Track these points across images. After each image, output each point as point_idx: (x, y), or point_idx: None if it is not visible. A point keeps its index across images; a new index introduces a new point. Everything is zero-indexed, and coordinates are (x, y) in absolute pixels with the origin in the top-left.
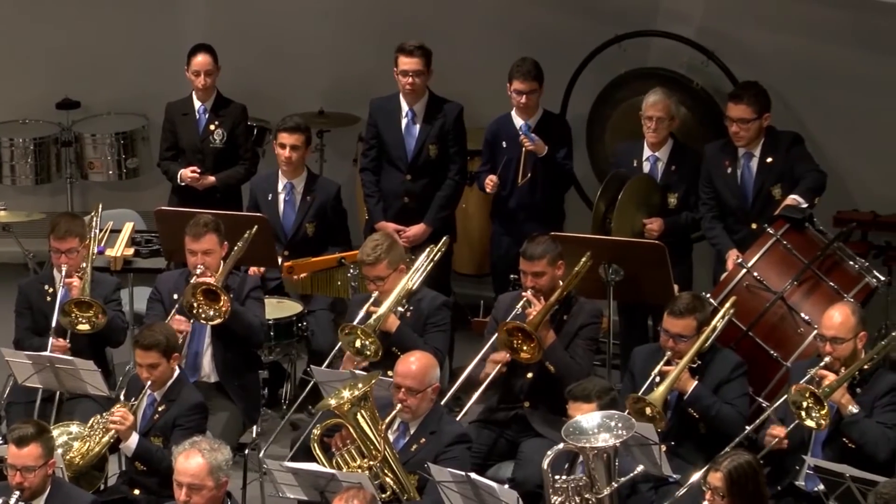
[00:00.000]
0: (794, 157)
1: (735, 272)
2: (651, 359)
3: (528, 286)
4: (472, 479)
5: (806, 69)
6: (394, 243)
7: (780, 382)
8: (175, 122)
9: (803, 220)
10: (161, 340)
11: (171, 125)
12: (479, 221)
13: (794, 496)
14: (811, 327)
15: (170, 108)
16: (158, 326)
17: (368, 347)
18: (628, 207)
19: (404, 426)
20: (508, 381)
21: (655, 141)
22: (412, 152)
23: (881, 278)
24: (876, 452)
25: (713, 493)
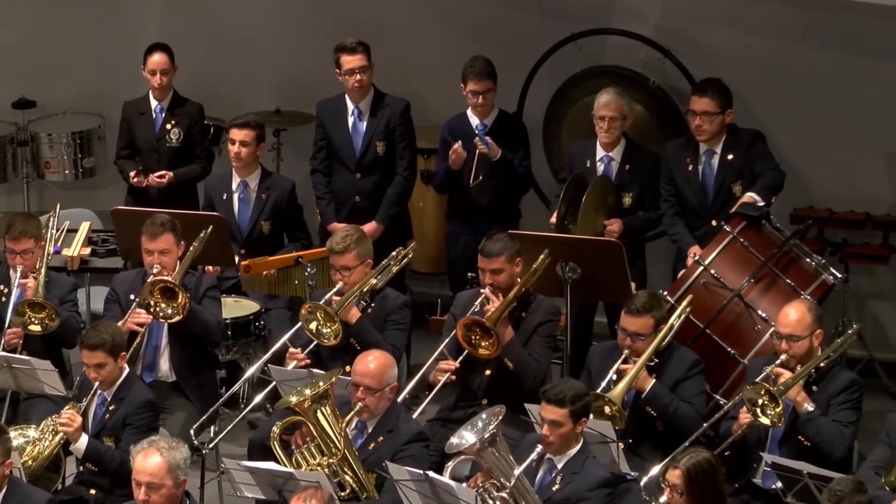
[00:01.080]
0: (755, 155)
1: (692, 270)
2: (608, 357)
3: (486, 283)
4: (430, 478)
5: (763, 67)
6: (364, 236)
7: (737, 380)
8: (132, 122)
9: (760, 218)
10: (106, 340)
11: (127, 124)
12: (435, 220)
13: (752, 493)
14: (768, 325)
15: (127, 107)
16: (104, 326)
17: (329, 332)
18: (590, 210)
19: (362, 425)
20: (466, 378)
21: (608, 141)
22: (360, 150)
23: (838, 275)
24: (832, 450)
25: (672, 491)
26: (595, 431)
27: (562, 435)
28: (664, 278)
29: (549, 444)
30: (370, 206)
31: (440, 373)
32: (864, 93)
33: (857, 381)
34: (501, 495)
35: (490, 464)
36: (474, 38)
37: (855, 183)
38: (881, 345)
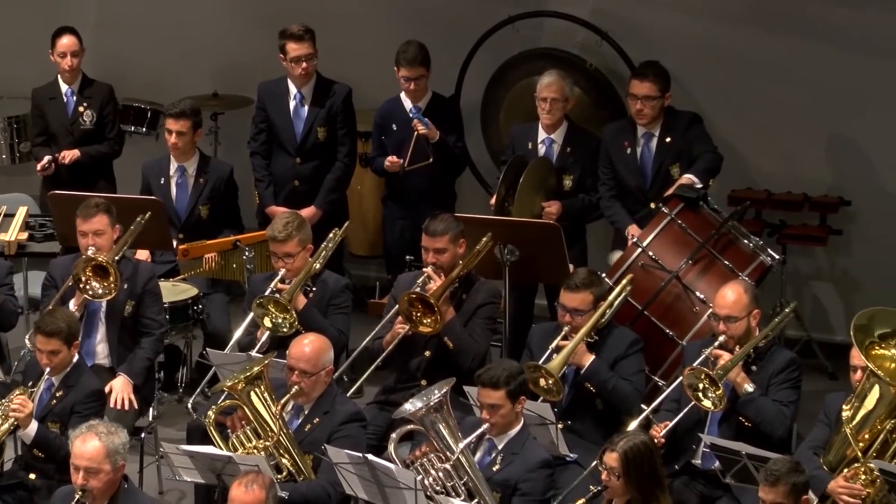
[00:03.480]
0: (693, 137)
1: (630, 252)
2: (549, 336)
3: (429, 262)
4: (369, 461)
5: (700, 49)
6: (304, 222)
7: (676, 361)
8: (43, 108)
9: (698, 200)
10: (63, 328)
11: (39, 111)
12: (372, 203)
13: (691, 475)
14: (706, 306)
15: (36, 93)
16: (60, 313)
17: (284, 322)
18: (527, 191)
19: (298, 407)
20: (406, 359)
21: (550, 123)
22: (301, 135)
23: (775, 256)
24: (772, 430)
25: (609, 474)
26: (534, 413)
27: (502, 416)
28: (605, 261)
29: (490, 427)
30: (309, 190)
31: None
32: (802, 75)
33: (796, 360)
34: (444, 467)
35: (435, 432)
36: (412, 21)
37: (793, 164)
38: (819, 325)
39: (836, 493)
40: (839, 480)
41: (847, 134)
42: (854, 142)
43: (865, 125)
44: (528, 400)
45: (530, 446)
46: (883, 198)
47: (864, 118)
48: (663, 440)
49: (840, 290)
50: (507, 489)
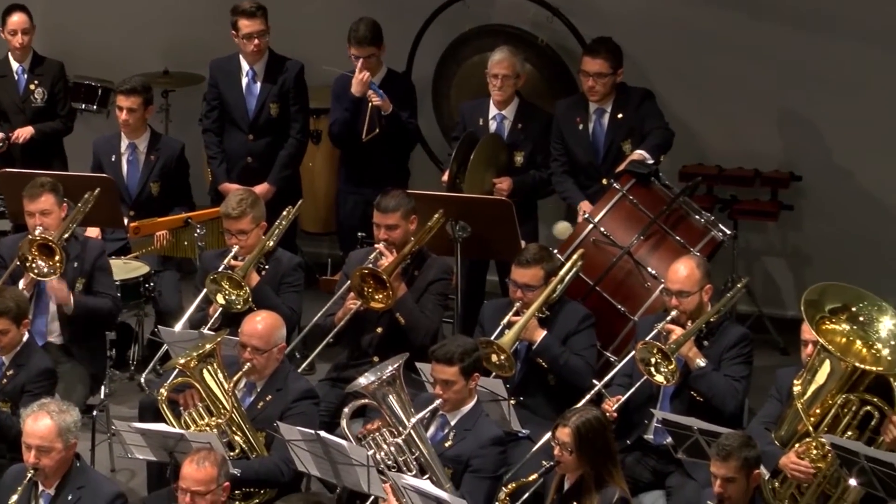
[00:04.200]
0: (645, 113)
1: (582, 227)
2: (500, 312)
3: (381, 239)
4: (321, 437)
5: (652, 25)
6: (258, 199)
7: (628, 337)
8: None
9: (649, 175)
10: (11, 307)
11: None
12: (325, 180)
13: (643, 450)
14: (658, 282)
15: None
16: (9, 292)
17: (238, 298)
18: (478, 167)
19: (251, 384)
20: (358, 336)
21: (501, 99)
22: (253, 112)
23: (727, 232)
24: (724, 405)
25: (561, 449)
26: (486, 389)
27: (455, 392)
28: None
29: (443, 403)
30: (262, 167)
31: (345, 312)
32: (754, 51)
33: (748, 335)
34: (396, 442)
35: (387, 407)
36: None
37: (744, 140)
38: (770, 301)
39: (788, 468)
40: (791, 455)
41: (798, 109)
42: (805, 117)
43: (816, 101)
44: (481, 376)
45: (483, 423)
46: (834, 173)
47: (815, 94)
48: (615, 414)
49: (791, 266)
50: (459, 465)
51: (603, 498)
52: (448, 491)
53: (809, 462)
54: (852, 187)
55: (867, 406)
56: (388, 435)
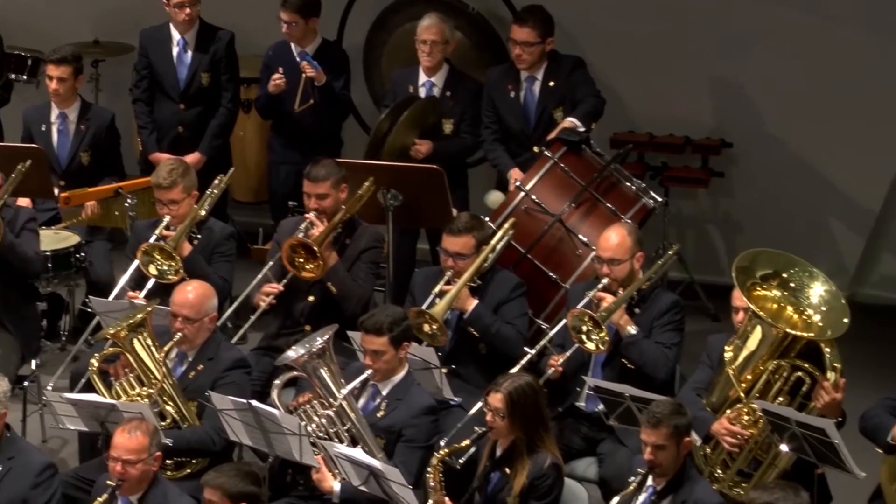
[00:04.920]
0: (576, 81)
1: (513, 195)
2: (431, 281)
3: (311, 208)
4: (253, 407)
5: None
6: (189, 168)
7: (560, 304)
8: None
9: (580, 143)
10: None
11: None
12: (256, 149)
13: (575, 417)
14: (589, 249)
15: None
16: None
17: (170, 269)
18: (406, 125)
19: (182, 354)
20: (289, 305)
21: (430, 65)
22: (184, 81)
23: (658, 199)
24: (655, 372)
25: (494, 415)
26: (418, 358)
27: (385, 362)
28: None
29: (374, 374)
30: (193, 136)
31: (263, 295)
32: (684, 18)
33: (679, 302)
34: (328, 413)
35: (317, 379)
36: None
37: (675, 107)
38: (701, 267)
39: (720, 434)
40: (722, 421)
41: (729, 77)
42: (736, 84)
43: (747, 67)
44: (411, 345)
45: (415, 392)
46: (764, 139)
47: (746, 60)
48: (561, 369)
49: (722, 232)
50: (391, 435)
51: (535, 463)
52: (380, 460)
53: (741, 428)
54: (783, 154)
55: (798, 372)
56: (318, 407)
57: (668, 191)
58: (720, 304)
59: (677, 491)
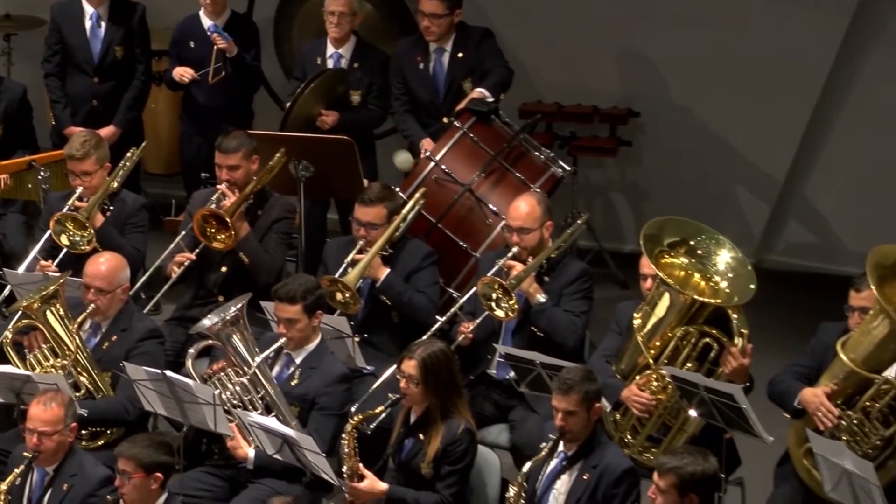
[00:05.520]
0: (485, 52)
1: (424, 165)
2: (344, 250)
3: (223, 179)
4: (167, 377)
5: None
6: (101, 141)
7: (470, 273)
8: None
9: (489, 113)
10: None
11: None
12: (168, 121)
13: (487, 384)
14: (499, 218)
15: None
16: None
17: (82, 239)
18: (314, 95)
19: (96, 325)
20: (202, 275)
21: (338, 37)
22: (98, 55)
23: (566, 168)
24: (564, 339)
25: (407, 381)
26: (331, 327)
27: (299, 330)
28: (397, 174)
29: (287, 342)
30: (107, 109)
31: (175, 265)
32: None
33: (587, 270)
34: (242, 381)
35: (231, 347)
36: None
37: (582, 77)
38: (610, 235)
39: (629, 401)
40: (631, 388)
41: (636, 47)
42: (642, 54)
43: (653, 38)
44: (324, 314)
45: (328, 361)
46: (671, 109)
47: (652, 31)
48: (471, 336)
49: (630, 200)
50: (305, 403)
51: (448, 429)
52: (294, 428)
53: (650, 394)
54: (690, 123)
55: (706, 338)
56: (233, 375)
57: (577, 160)
58: (628, 272)
59: (588, 456)
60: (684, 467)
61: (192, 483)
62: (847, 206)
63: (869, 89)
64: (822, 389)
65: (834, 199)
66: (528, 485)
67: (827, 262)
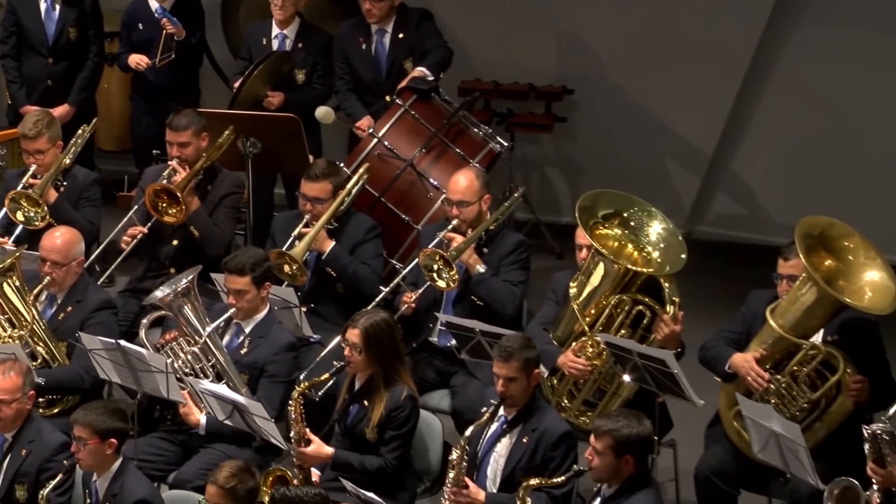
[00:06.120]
0: (424, 33)
1: (367, 142)
2: (291, 224)
3: (174, 156)
4: (121, 346)
5: None
6: (53, 119)
7: (412, 245)
8: None
9: (429, 91)
10: None
11: None
12: (120, 100)
13: (429, 352)
14: (440, 192)
15: None
16: None
17: (36, 215)
18: (260, 78)
19: (52, 297)
20: (154, 248)
21: (282, 18)
22: (53, 36)
23: (504, 144)
24: (503, 308)
25: (352, 350)
26: (278, 297)
27: (248, 301)
28: (342, 149)
29: (237, 312)
30: (61, 89)
31: (128, 238)
32: None
33: (525, 241)
34: (193, 350)
35: (183, 317)
36: None
37: (519, 56)
38: (546, 208)
39: (566, 366)
40: (568, 354)
41: (570, 27)
42: (576, 34)
43: (587, 18)
44: (272, 285)
45: (276, 330)
46: (604, 86)
47: (586, 12)
48: (414, 305)
49: (565, 175)
50: (254, 371)
51: (392, 395)
52: (244, 395)
53: (585, 360)
54: (622, 100)
55: (639, 306)
56: (184, 344)
57: (514, 136)
58: (564, 243)
59: (527, 420)
60: (619, 430)
61: (145, 448)
62: (774, 178)
63: (794, 66)
64: (751, 354)
65: (761, 171)
66: (469, 448)
67: (755, 233)
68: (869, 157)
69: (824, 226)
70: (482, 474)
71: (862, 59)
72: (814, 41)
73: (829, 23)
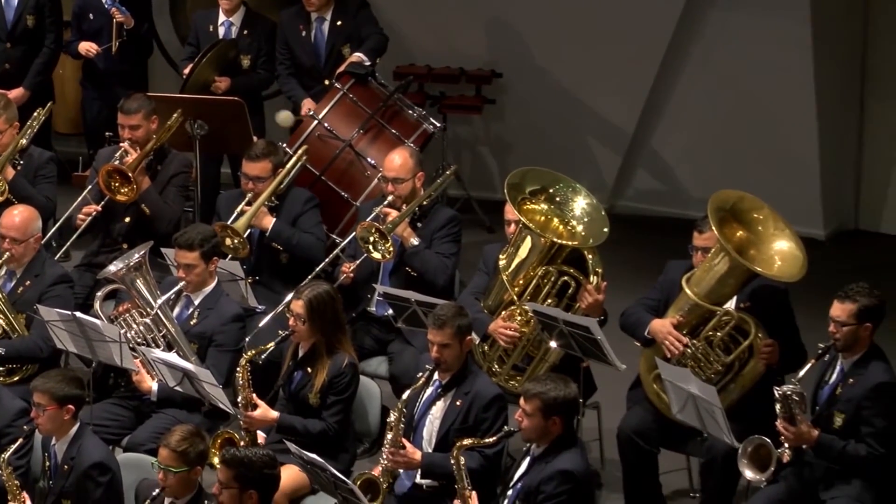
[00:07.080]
0: (361, 20)
1: (307, 124)
2: (235, 201)
3: (125, 138)
4: (77, 318)
5: None
6: (9, 102)
7: (351, 220)
8: None
9: (366, 76)
10: None
11: None
12: (74, 85)
13: (367, 320)
14: (376, 170)
15: None
16: None
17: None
18: (209, 65)
19: (11, 272)
20: (108, 225)
21: (229, 7)
22: (11, 22)
23: (437, 124)
24: (436, 279)
25: (296, 320)
26: (226, 271)
27: (197, 275)
28: (285, 131)
29: (187, 285)
30: (18, 73)
31: (83, 215)
32: None
33: (456, 216)
34: (145, 321)
35: (135, 290)
36: None
37: (451, 42)
38: (477, 185)
39: (496, 333)
40: (498, 322)
41: (498, 13)
42: (504, 21)
43: (514, 5)
44: (220, 260)
45: (224, 302)
46: (531, 69)
47: None
48: (352, 276)
49: (495, 153)
50: (203, 340)
51: (334, 363)
52: (193, 363)
53: (515, 327)
54: (548, 82)
55: (564, 276)
56: (137, 315)
57: (446, 117)
58: (494, 218)
59: (460, 384)
60: (547, 393)
61: (101, 413)
62: (691, 155)
63: (709, 49)
64: (669, 320)
65: (679, 149)
66: (406, 411)
67: (672, 207)
68: (778, 135)
69: (735, 199)
70: (418, 435)
71: (770, 41)
72: (726, 26)
73: (740, 7)
